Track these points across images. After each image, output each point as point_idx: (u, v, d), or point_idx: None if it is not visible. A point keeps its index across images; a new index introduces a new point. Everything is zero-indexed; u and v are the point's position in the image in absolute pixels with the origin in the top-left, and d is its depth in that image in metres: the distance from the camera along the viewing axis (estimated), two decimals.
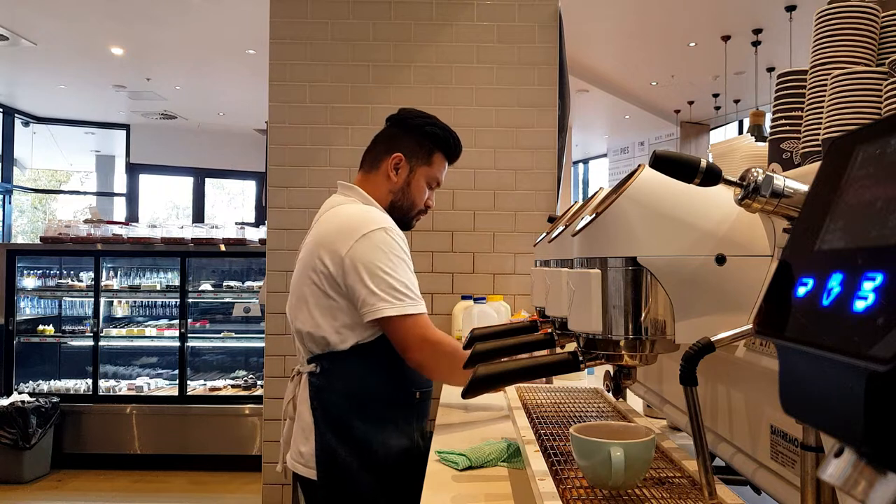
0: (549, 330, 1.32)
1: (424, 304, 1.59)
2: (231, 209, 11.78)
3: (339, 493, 1.56)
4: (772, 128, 1.08)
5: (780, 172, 0.75)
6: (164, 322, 5.10)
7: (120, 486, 4.31)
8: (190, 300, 4.80)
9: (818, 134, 0.95)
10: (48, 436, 4.39)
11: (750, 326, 0.75)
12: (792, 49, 6.12)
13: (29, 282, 4.96)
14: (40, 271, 5.08)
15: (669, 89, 8.51)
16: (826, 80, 0.94)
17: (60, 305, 5.25)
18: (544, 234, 1.71)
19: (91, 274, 4.81)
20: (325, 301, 1.59)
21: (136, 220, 7.74)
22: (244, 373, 5.07)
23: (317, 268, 1.60)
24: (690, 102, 9.05)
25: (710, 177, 0.72)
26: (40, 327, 4.94)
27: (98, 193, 10.66)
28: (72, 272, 5.15)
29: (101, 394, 4.67)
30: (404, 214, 1.75)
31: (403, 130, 1.78)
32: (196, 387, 4.78)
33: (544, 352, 1.31)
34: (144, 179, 10.15)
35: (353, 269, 1.54)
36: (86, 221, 4.97)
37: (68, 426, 4.55)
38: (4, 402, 4.29)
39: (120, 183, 10.26)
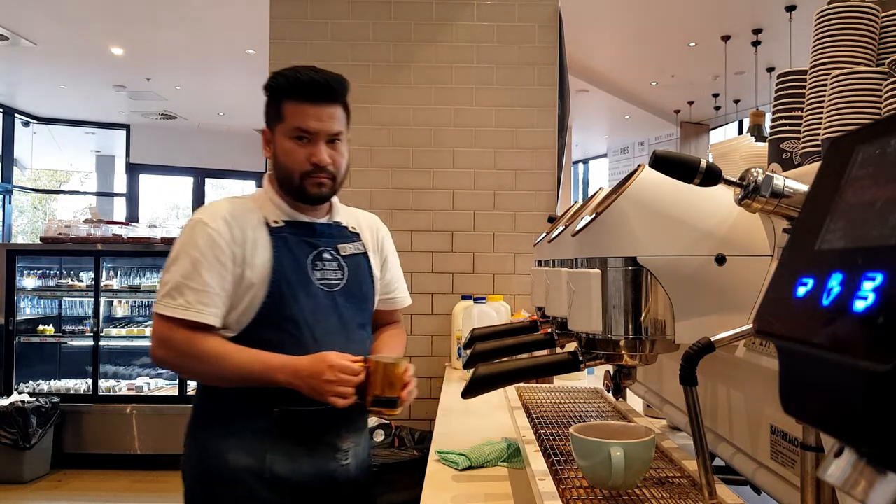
0: (549, 330, 1.32)
1: (192, 311, 1.36)
2: None
3: (188, 499, 1.48)
4: (772, 128, 1.08)
5: (780, 172, 0.75)
6: None
7: (120, 486, 4.31)
8: None
9: (818, 134, 0.95)
10: (48, 436, 4.39)
11: (750, 326, 0.75)
12: (792, 49, 6.12)
13: (29, 282, 4.96)
14: (40, 271, 5.08)
15: (669, 89, 8.51)
16: (826, 80, 0.94)
17: (60, 305, 5.25)
18: (544, 234, 1.71)
19: (91, 274, 4.81)
20: None
21: (136, 220, 7.74)
22: None
23: None
24: (690, 102, 9.05)
25: (710, 177, 0.72)
26: (40, 327, 4.94)
27: (98, 193, 10.66)
28: (72, 272, 5.15)
29: (101, 394, 4.67)
30: (291, 186, 1.47)
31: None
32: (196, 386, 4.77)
33: (544, 352, 1.31)
34: (144, 179, 10.15)
35: None
36: (86, 221, 4.97)
37: (68, 426, 4.55)
38: (4, 402, 4.29)
39: (120, 183, 10.26)
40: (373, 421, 2.55)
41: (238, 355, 1.37)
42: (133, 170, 9.91)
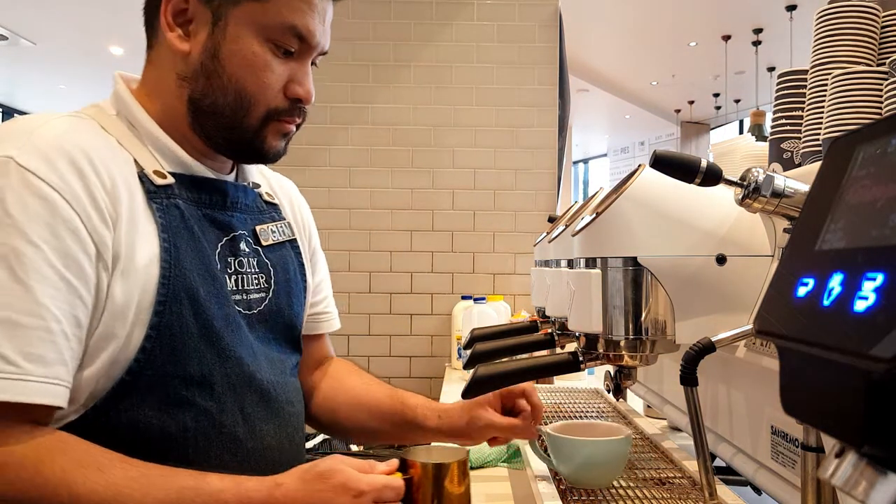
0: (550, 330, 1.32)
1: (15, 380, 0.64)
2: None
3: None
4: (772, 128, 1.08)
5: (781, 172, 0.75)
6: None
7: None
8: None
9: (819, 134, 0.95)
10: None
11: (750, 326, 0.75)
12: (792, 49, 6.12)
13: None
14: None
15: (670, 89, 8.51)
16: (826, 79, 0.93)
17: None
18: (544, 234, 1.71)
19: None
20: None
21: None
22: None
23: None
24: (691, 102, 9.06)
25: (711, 177, 0.71)
26: None
27: None
28: None
29: None
30: (233, 124, 0.81)
31: None
32: None
33: (544, 352, 1.31)
34: None
35: None
36: None
37: None
38: None
39: None
40: None
41: (136, 489, 0.65)
42: None
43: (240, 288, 0.83)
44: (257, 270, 0.87)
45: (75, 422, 0.71)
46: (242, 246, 0.85)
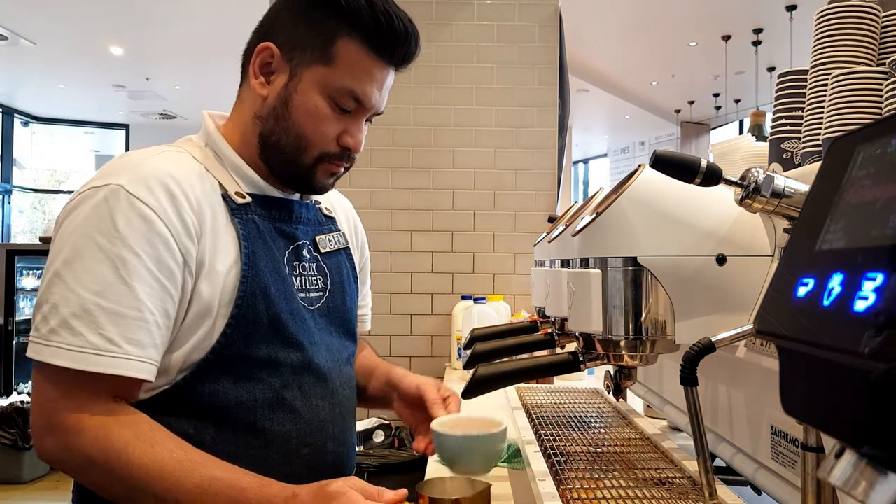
0: (550, 330, 1.32)
1: (117, 357, 0.79)
2: None
3: None
4: (772, 128, 1.08)
5: (781, 172, 0.75)
6: None
7: None
8: None
9: (819, 134, 0.95)
10: None
11: (750, 326, 0.74)
12: (792, 49, 6.12)
13: (28, 282, 4.96)
14: (40, 271, 5.08)
15: (670, 89, 8.51)
16: (826, 79, 0.94)
17: None
18: (544, 234, 1.71)
19: None
20: None
21: None
22: None
23: None
24: (691, 102, 9.06)
25: (711, 177, 0.72)
26: None
27: None
28: None
29: None
30: (292, 163, 0.96)
31: (287, 3, 0.98)
32: None
33: (544, 352, 1.31)
34: None
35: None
36: None
37: None
38: (4, 402, 4.29)
39: None
40: (373, 421, 2.55)
41: (193, 474, 0.78)
42: None
43: (303, 287, 0.99)
44: (316, 273, 1.03)
45: (170, 390, 0.87)
46: (305, 253, 1.01)
